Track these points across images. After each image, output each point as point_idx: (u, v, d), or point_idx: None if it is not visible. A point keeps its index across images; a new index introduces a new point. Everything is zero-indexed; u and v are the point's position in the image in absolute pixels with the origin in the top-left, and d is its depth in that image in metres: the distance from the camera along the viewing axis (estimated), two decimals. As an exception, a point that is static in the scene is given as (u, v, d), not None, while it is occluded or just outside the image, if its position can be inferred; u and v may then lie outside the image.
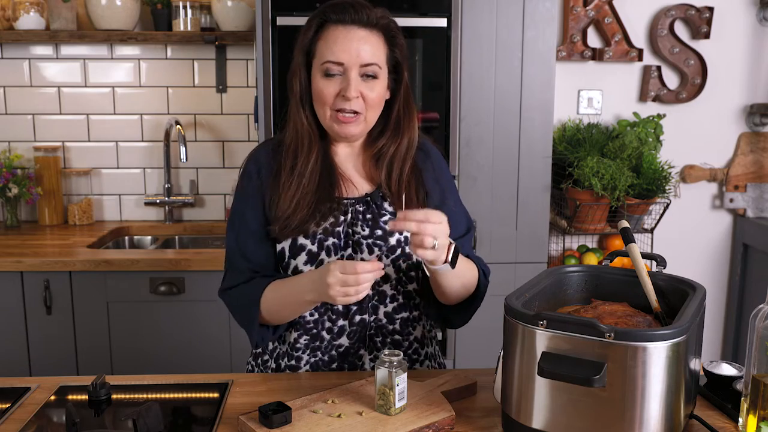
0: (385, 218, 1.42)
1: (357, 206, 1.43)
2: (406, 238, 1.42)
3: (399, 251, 1.42)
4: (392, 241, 1.41)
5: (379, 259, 1.40)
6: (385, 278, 1.43)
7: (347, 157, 1.47)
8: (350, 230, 1.42)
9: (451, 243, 1.28)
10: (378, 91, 1.38)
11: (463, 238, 1.50)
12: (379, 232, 1.41)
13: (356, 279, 1.23)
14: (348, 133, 1.39)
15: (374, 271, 1.24)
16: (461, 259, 1.35)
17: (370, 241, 1.41)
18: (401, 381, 1.20)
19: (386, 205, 1.44)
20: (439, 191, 1.48)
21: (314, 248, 1.39)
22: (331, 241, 1.40)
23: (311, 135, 1.41)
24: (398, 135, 1.44)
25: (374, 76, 1.36)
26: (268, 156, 1.46)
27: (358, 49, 1.34)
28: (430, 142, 1.55)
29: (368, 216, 1.42)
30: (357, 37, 1.35)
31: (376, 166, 1.46)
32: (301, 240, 1.39)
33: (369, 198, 1.44)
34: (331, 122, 1.38)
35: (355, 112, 1.37)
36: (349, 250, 1.42)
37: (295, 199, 1.38)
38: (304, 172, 1.40)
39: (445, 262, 1.28)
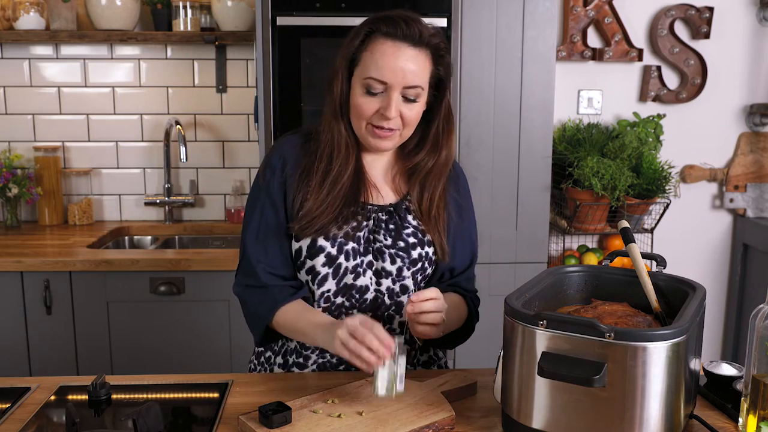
0: (408, 230, 1.43)
1: (380, 214, 1.43)
2: (427, 252, 1.43)
3: (420, 264, 1.43)
4: (414, 254, 1.42)
5: (358, 252, 1.41)
6: (404, 290, 1.43)
7: (376, 164, 1.47)
8: (371, 237, 1.42)
9: None
10: (417, 111, 1.36)
11: (467, 271, 1.52)
12: (401, 243, 1.41)
13: (364, 334, 1.17)
14: (382, 147, 1.39)
15: (384, 342, 1.17)
16: (451, 310, 1.37)
17: (393, 251, 1.41)
18: (402, 363, 1.21)
19: (410, 218, 1.44)
20: (457, 216, 1.49)
21: (333, 251, 1.39)
22: (350, 245, 1.40)
23: (348, 143, 1.40)
24: (436, 151, 1.43)
25: (415, 99, 1.34)
26: (294, 150, 1.44)
27: (403, 70, 1.30)
28: (458, 164, 1.55)
29: (391, 226, 1.42)
30: (405, 57, 1.31)
31: (408, 180, 1.45)
32: (321, 242, 1.38)
33: (393, 208, 1.44)
34: (366, 134, 1.37)
35: (392, 129, 1.36)
36: (369, 257, 1.42)
37: (325, 202, 1.37)
38: (339, 180, 1.38)
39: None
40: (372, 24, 1.34)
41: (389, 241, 1.41)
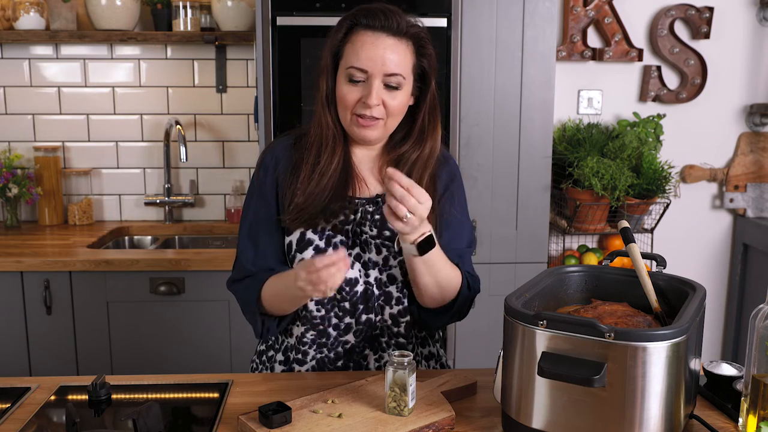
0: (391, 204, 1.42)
1: (366, 206, 1.44)
2: (415, 239, 1.42)
3: None
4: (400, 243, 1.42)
5: (345, 245, 1.41)
6: (391, 279, 1.44)
7: (364, 157, 1.48)
8: (358, 229, 1.43)
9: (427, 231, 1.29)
10: (400, 100, 1.38)
11: (463, 251, 1.51)
12: (387, 233, 1.42)
13: (318, 276, 1.21)
14: (367, 137, 1.40)
15: (336, 263, 1.22)
16: (440, 258, 1.36)
17: (378, 241, 1.43)
18: (413, 381, 1.21)
19: None
20: (448, 200, 1.49)
21: (322, 244, 1.41)
22: (338, 238, 1.42)
23: (335, 135, 1.43)
24: (421, 143, 1.45)
25: (397, 87, 1.36)
26: (286, 149, 1.48)
27: (383, 58, 1.34)
28: (448, 151, 1.56)
29: (376, 217, 1.43)
30: (384, 45, 1.34)
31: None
32: (309, 235, 1.41)
33: (379, 199, 1.45)
34: (351, 125, 1.40)
35: (376, 118, 1.37)
36: (357, 249, 1.43)
37: (313, 194, 1.40)
38: (326, 171, 1.41)
39: (413, 243, 1.29)
40: (353, 18, 1.38)
41: (374, 232, 1.42)
